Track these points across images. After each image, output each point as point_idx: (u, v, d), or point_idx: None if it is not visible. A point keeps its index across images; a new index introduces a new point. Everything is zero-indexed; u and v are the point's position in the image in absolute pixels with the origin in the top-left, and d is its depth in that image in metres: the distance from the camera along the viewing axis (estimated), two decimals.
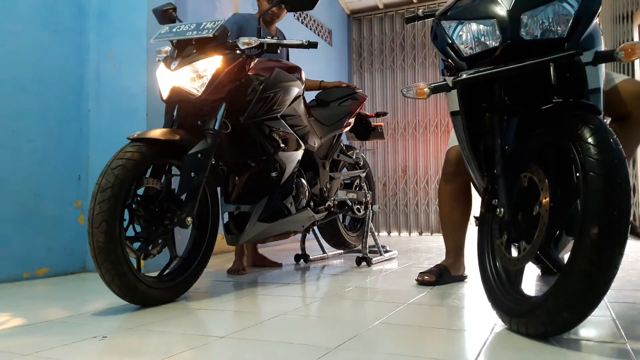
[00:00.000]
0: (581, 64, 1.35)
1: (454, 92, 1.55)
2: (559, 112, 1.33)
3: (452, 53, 1.51)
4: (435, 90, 1.51)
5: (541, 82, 1.40)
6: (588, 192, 1.12)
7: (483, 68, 1.41)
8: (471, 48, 1.46)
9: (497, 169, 1.45)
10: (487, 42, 1.42)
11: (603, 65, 1.41)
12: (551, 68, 1.37)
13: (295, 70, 2.40)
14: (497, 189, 1.44)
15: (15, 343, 1.29)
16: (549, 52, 1.34)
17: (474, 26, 1.45)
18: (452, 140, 2.14)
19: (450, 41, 1.51)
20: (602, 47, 1.41)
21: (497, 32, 1.39)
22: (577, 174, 1.19)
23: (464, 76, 1.42)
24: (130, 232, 1.76)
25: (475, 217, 1.71)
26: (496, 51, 1.41)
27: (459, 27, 1.49)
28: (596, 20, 1.41)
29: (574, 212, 1.28)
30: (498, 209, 1.43)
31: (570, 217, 1.30)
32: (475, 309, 1.69)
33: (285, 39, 2.03)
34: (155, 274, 1.88)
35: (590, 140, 1.17)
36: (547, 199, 1.28)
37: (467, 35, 1.47)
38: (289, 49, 2.99)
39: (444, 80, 1.55)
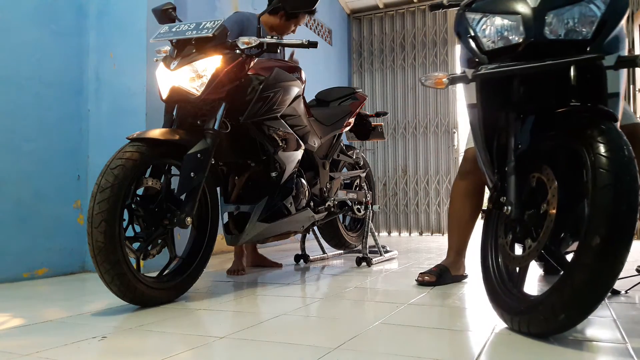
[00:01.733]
0: (602, 68, 1.34)
1: (472, 85, 1.53)
2: (573, 115, 1.32)
3: (473, 46, 1.48)
4: (453, 81, 1.50)
5: (560, 83, 1.38)
6: (597, 188, 1.13)
7: (504, 64, 1.39)
8: (493, 42, 1.44)
9: (508, 167, 1.44)
10: (510, 38, 1.40)
11: (624, 70, 1.40)
12: (571, 69, 1.35)
13: (295, 70, 2.39)
14: (507, 187, 1.43)
15: (15, 343, 1.29)
16: (570, 52, 1.32)
17: (498, 20, 1.43)
18: (470, 141, 2.14)
19: (473, 33, 1.48)
20: (626, 52, 1.40)
21: (521, 29, 1.37)
22: (586, 175, 1.19)
23: (485, 70, 1.40)
24: (129, 232, 1.76)
25: (483, 210, 1.71)
26: (518, 48, 1.38)
27: (483, 20, 1.46)
28: (622, 24, 1.38)
29: (579, 215, 1.28)
30: (506, 207, 1.42)
31: (575, 220, 1.30)
32: (476, 310, 1.69)
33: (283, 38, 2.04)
34: (154, 274, 1.88)
35: (600, 139, 1.18)
36: (555, 199, 1.28)
37: (491, 29, 1.44)
38: (287, 48, 2.99)
39: (464, 72, 1.54)
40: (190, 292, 2.00)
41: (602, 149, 1.17)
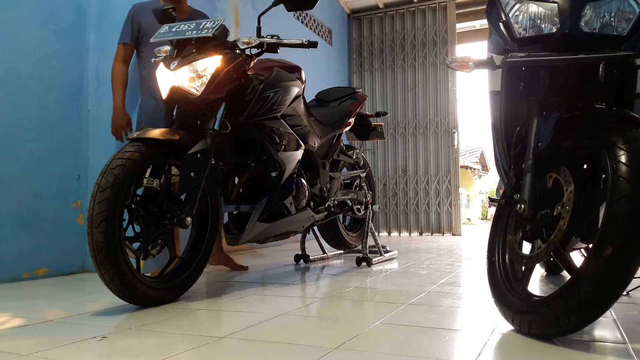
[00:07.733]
0: (634, 67, 1.31)
1: (498, 72, 1.50)
2: (598, 118, 1.29)
3: (504, 31, 1.44)
4: (479, 65, 1.47)
5: (588, 79, 1.34)
6: (615, 197, 1.10)
7: (534, 53, 1.35)
8: (525, 30, 1.39)
9: (526, 165, 1.39)
10: (543, 27, 1.36)
11: None
12: (601, 66, 1.31)
13: (295, 69, 2.39)
14: (522, 184, 1.39)
15: (15, 343, 1.29)
16: (603, 48, 1.28)
17: (532, 7, 1.38)
18: None
19: (504, 19, 1.43)
20: None
21: (556, 19, 1.32)
22: (605, 180, 1.17)
23: (515, 58, 1.37)
24: (129, 232, 1.76)
25: (490, 198, 1.68)
26: (550, 38, 1.34)
27: (517, 5, 1.41)
28: None
29: (592, 219, 1.26)
30: (519, 205, 1.38)
31: (588, 223, 1.29)
32: (476, 310, 1.69)
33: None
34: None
35: (623, 147, 1.15)
36: (571, 201, 1.25)
37: (524, 15, 1.39)
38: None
39: (491, 57, 1.50)
40: (191, 291, 2.00)
41: (624, 157, 1.13)
